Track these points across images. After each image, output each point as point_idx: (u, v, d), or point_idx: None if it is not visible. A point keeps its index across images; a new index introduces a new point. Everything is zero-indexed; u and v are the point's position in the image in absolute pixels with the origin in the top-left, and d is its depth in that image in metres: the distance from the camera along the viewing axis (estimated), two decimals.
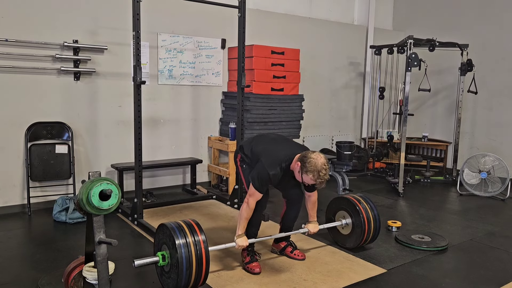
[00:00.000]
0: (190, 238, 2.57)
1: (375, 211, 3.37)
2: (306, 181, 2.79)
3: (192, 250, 2.53)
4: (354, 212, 3.36)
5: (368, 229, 3.31)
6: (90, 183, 2.04)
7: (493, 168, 5.22)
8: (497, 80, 6.22)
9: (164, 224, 2.68)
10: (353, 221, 3.37)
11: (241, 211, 2.93)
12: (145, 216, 4.07)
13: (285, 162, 2.89)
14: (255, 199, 2.91)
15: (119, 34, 4.64)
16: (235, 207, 4.58)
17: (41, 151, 4.32)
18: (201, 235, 2.62)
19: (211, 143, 5.41)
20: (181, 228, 2.61)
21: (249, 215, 2.92)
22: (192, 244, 2.55)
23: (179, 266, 2.49)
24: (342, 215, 3.45)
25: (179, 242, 2.52)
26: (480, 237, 3.83)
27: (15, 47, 4.10)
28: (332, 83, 6.66)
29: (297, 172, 2.81)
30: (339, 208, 3.50)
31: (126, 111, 4.73)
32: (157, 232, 2.74)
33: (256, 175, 2.87)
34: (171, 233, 2.57)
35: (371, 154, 6.33)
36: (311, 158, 2.73)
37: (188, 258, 2.50)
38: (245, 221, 2.93)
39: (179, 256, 2.49)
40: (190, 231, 2.61)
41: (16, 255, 3.27)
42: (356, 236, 3.34)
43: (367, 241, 3.38)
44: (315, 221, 3.26)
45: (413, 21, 7.28)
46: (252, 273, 2.96)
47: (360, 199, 3.41)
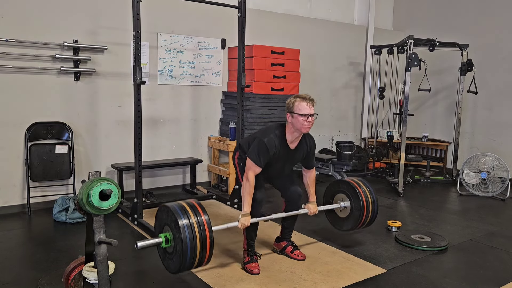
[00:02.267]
0: (193, 218, 2.50)
1: (373, 195, 3.36)
2: (302, 111, 2.82)
3: (196, 230, 2.47)
4: (353, 195, 3.33)
5: (366, 213, 3.30)
6: (90, 183, 2.04)
7: (493, 168, 5.22)
8: (497, 80, 6.22)
9: (166, 205, 2.61)
10: (351, 204, 3.35)
11: (242, 188, 2.92)
12: (145, 216, 4.07)
13: (277, 129, 2.95)
14: (254, 173, 2.90)
15: (119, 34, 4.64)
16: (235, 207, 4.58)
17: (41, 151, 4.32)
18: (204, 215, 2.56)
19: (211, 143, 5.41)
20: (184, 209, 2.55)
21: (251, 190, 2.90)
22: (196, 224, 2.49)
23: (183, 247, 2.43)
24: (341, 197, 3.43)
25: (182, 223, 2.46)
26: (480, 237, 3.83)
27: (15, 47, 4.10)
28: (332, 83, 6.66)
29: (292, 118, 2.86)
30: (337, 191, 3.47)
31: (126, 111, 4.73)
32: (159, 214, 2.67)
33: (252, 148, 2.90)
34: (174, 214, 2.50)
35: (371, 154, 6.33)
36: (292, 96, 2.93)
37: (192, 238, 2.44)
38: (248, 196, 2.90)
39: (183, 237, 2.42)
40: (193, 212, 2.55)
41: (16, 255, 3.27)
42: (354, 219, 3.32)
43: (364, 224, 3.37)
44: (315, 201, 3.25)
45: (413, 21, 7.28)
46: (251, 273, 2.96)
47: (360, 183, 3.39)
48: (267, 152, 2.89)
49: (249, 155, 2.91)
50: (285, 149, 2.98)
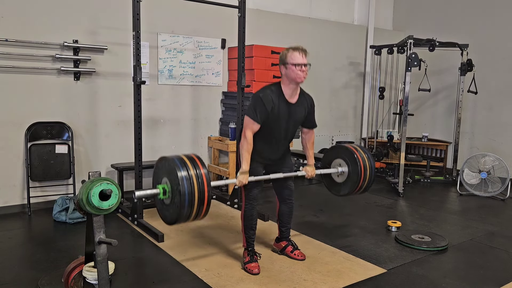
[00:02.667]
0: (192, 171, 2.47)
1: (371, 161, 3.33)
2: (295, 60, 2.81)
3: (195, 183, 2.44)
4: (351, 160, 3.30)
5: (364, 177, 3.28)
6: (90, 183, 2.04)
7: (493, 168, 5.22)
8: (497, 80, 6.22)
9: (165, 156, 2.59)
10: (349, 169, 3.32)
11: (241, 146, 2.89)
12: (145, 216, 4.07)
13: (273, 86, 2.96)
14: (252, 131, 2.88)
15: (119, 34, 4.64)
16: (235, 207, 4.58)
17: (41, 151, 4.32)
18: (203, 169, 2.53)
19: (211, 143, 5.41)
20: (183, 161, 2.52)
21: (249, 148, 2.87)
22: (195, 177, 2.46)
23: (181, 199, 2.41)
24: (338, 163, 3.40)
25: (181, 174, 2.43)
26: (480, 237, 3.83)
27: (15, 47, 4.10)
28: (332, 83, 6.66)
29: (284, 73, 2.89)
30: (335, 156, 3.44)
31: (126, 111, 4.73)
32: (157, 165, 2.64)
33: (249, 106, 2.91)
34: (173, 165, 2.47)
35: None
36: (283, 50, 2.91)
37: (190, 191, 2.42)
38: (246, 153, 2.87)
39: (181, 189, 2.40)
40: (192, 164, 2.52)
41: (16, 255, 3.27)
42: (351, 184, 3.30)
43: (361, 189, 3.34)
44: (313, 164, 3.23)
45: (413, 21, 7.28)
46: (251, 274, 2.96)
47: (358, 148, 3.37)
48: (264, 106, 2.85)
49: (246, 113, 2.90)
50: (285, 104, 2.93)
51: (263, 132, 2.93)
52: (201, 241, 3.56)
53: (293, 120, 3.01)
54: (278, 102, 2.89)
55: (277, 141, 3.03)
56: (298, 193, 5.16)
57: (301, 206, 4.64)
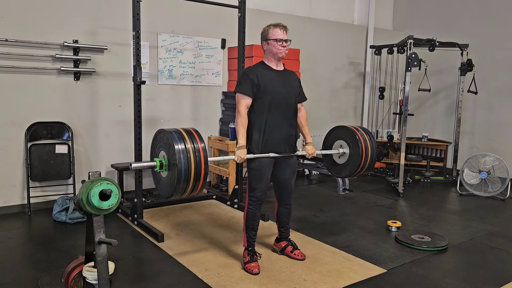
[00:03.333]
0: (190, 144, 2.47)
1: (373, 142, 3.32)
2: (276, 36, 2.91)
3: (191, 156, 2.43)
4: (352, 142, 3.28)
5: (365, 159, 3.26)
6: (90, 183, 2.04)
7: (493, 168, 5.22)
8: (497, 80, 6.22)
9: (163, 129, 2.59)
10: (350, 151, 3.30)
11: (236, 121, 2.92)
12: (145, 216, 4.07)
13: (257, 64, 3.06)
14: (245, 105, 2.91)
15: (119, 34, 4.64)
16: (235, 207, 4.58)
17: (41, 151, 4.32)
18: (200, 143, 2.53)
19: (211, 143, 5.41)
20: (181, 135, 2.51)
21: (244, 123, 2.90)
22: (192, 150, 2.46)
23: (178, 173, 2.40)
24: (340, 144, 3.38)
25: (178, 147, 2.43)
26: (480, 237, 3.83)
27: (15, 47, 4.10)
28: (332, 83, 6.66)
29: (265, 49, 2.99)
30: (337, 137, 3.42)
31: (126, 111, 4.73)
32: (155, 138, 2.64)
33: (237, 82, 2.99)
34: (170, 139, 2.46)
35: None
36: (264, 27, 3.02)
37: (187, 165, 2.40)
38: (242, 128, 2.89)
39: (177, 162, 2.39)
40: (189, 138, 2.51)
41: (16, 255, 3.27)
42: (353, 165, 3.28)
43: (362, 170, 3.32)
44: (311, 143, 3.21)
45: (413, 21, 7.28)
46: (251, 273, 2.96)
47: (360, 129, 3.36)
48: (247, 78, 2.92)
49: (236, 89, 2.95)
50: (273, 72, 3.01)
51: (263, 103, 2.93)
52: (201, 241, 3.56)
53: (288, 84, 3.05)
54: (263, 71, 2.98)
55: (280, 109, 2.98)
56: (298, 193, 5.16)
57: (301, 206, 4.64)
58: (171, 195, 2.51)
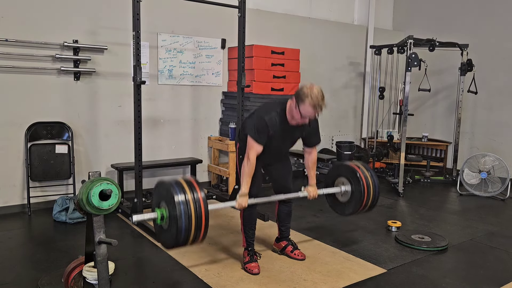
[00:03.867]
0: (190, 195, 2.46)
1: (374, 179, 3.28)
2: (304, 112, 2.69)
3: (192, 207, 2.43)
4: (354, 179, 3.27)
5: (367, 197, 3.24)
6: (90, 183, 2.04)
7: (493, 168, 5.22)
8: (497, 80, 6.22)
9: (163, 180, 2.59)
10: (352, 188, 3.28)
11: (243, 167, 2.85)
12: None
13: (279, 107, 2.85)
14: (255, 152, 2.82)
15: (119, 34, 4.64)
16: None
17: (41, 151, 4.32)
18: (200, 192, 2.52)
19: (211, 143, 5.41)
20: (180, 185, 2.51)
21: (251, 171, 2.83)
22: (192, 201, 2.45)
23: (178, 224, 2.40)
24: (342, 181, 3.36)
25: (178, 199, 2.42)
26: (480, 237, 3.83)
27: (15, 47, 4.10)
28: (332, 83, 6.66)
29: (294, 108, 2.73)
30: (338, 175, 3.41)
31: (126, 111, 4.73)
32: (156, 189, 2.64)
33: (252, 125, 2.82)
34: (170, 189, 2.46)
35: (371, 154, 6.33)
36: (304, 87, 2.70)
37: (187, 216, 2.41)
38: (247, 177, 2.83)
39: (178, 213, 2.40)
40: (189, 188, 2.51)
41: (16, 255, 3.27)
42: (355, 204, 3.26)
43: (365, 208, 3.31)
44: (315, 184, 3.18)
45: (413, 21, 7.28)
46: (251, 273, 2.96)
47: (361, 166, 3.33)
48: (268, 130, 2.82)
49: (250, 134, 2.82)
50: (285, 126, 2.89)
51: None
52: None
53: (289, 139, 3.03)
54: (281, 126, 2.86)
55: (272, 155, 3.04)
56: None
57: (301, 206, 4.64)
58: (173, 246, 2.53)
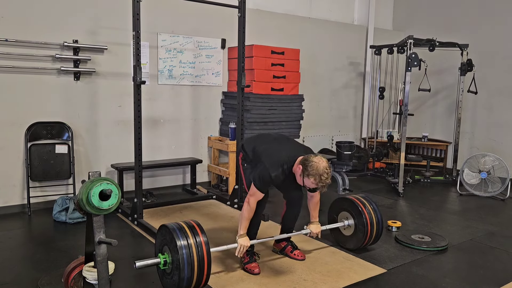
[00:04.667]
0: (192, 239, 2.55)
1: (378, 214, 3.35)
2: (307, 185, 2.77)
3: (194, 251, 2.51)
4: (357, 214, 3.33)
5: (371, 232, 3.29)
6: (90, 183, 2.04)
7: (493, 168, 5.22)
8: (497, 80, 6.22)
9: (165, 225, 2.67)
10: (355, 223, 3.34)
11: (243, 211, 2.93)
12: (145, 216, 4.07)
13: (287, 164, 2.87)
14: (256, 199, 2.91)
15: (119, 34, 4.64)
16: (235, 207, 4.58)
17: (41, 151, 4.32)
18: (202, 237, 2.61)
19: (211, 143, 5.41)
20: (182, 229, 2.60)
21: (250, 215, 2.92)
22: (194, 245, 2.53)
23: (181, 268, 2.48)
24: (345, 216, 3.43)
25: (180, 243, 2.51)
26: (480, 237, 3.83)
27: (15, 47, 4.10)
28: (332, 83, 6.66)
29: (299, 175, 2.79)
30: (341, 208, 3.48)
31: (126, 111, 4.73)
32: (159, 233, 2.73)
33: (258, 176, 2.87)
34: (172, 234, 2.55)
35: (371, 154, 6.33)
36: (313, 162, 2.70)
37: (189, 260, 2.49)
38: (246, 221, 2.92)
39: (180, 258, 2.47)
40: (191, 232, 2.59)
41: (16, 255, 3.27)
42: (358, 238, 3.33)
43: (369, 243, 3.37)
44: (317, 221, 3.24)
45: (413, 21, 7.28)
46: (251, 274, 2.96)
47: (364, 201, 3.38)
48: (271, 183, 2.91)
49: (254, 182, 2.89)
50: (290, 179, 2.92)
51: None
52: None
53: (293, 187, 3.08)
54: (285, 178, 2.91)
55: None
56: None
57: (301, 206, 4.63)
58: None
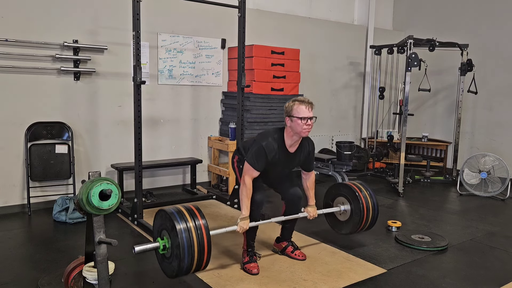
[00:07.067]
0: (191, 223, 2.49)
1: (374, 199, 3.34)
2: (301, 114, 2.81)
3: (193, 235, 2.45)
4: (353, 199, 3.32)
5: (367, 217, 3.29)
6: (90, 183, 2.04)
7: (493, 168, 5.22)
8: (497, 80, 6.22)
9: (163, 209, 2.60)
10: (351, 208, 3.33)
11: (240, 192, 2.92)
12: (145, 216, 4.07)
13: (276, 133, 2.95)
14: (250, 176, 2.90)
15: (119, 34, 4.64)
16: (235, 207, 4.58)
17: (41, 151, 4.32)
18: (201, 219, 2.54)
19: (211, 143, 5.41)
20: (181, 213, 2.53)
21: (248, 194, 2.90)
22: (193, 228, 2.47)
23: (181, 252, 2.41)
24: (341, 201, 3.42)
25: (179, 227, 2.44)
26: (480, 237, 3.83)
27: (15, 47, 4.10)
28: (332, 83, 6.66)
29: (289, 125, 2.88)
30: (338, 194, 3.46)
31: (126, 111, 4.73)
32: (156, 218, 2.66)
33: (250, 152, 2.91)
34: (171, 218, 2.48)
35: (371, 154, 6.33)
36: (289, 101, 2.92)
37: (189, 243, 2.42)
38: (247, 200, 2.90)
39: (180, 241, 2.41)
40: (190, 216, 2.53)
41: (16, 255, 3.27)
42: (354, 223, 3.32)
43: (364, 228, 3.36)
44: (314, 205, 3.25)
45: (413, 21, 7.28)
46: (250, 274, 2.96)
47: (360, 187, 3.38)
48: (265, 156, 2.89)
49: (247, 159, 2.92)
50: (284, 153, 2.97)
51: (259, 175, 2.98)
52: None
53: (288, 167, 3.12)
54: (278, 151, 2.93)
55: (272, 179, 3.20)
56: None
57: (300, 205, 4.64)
58: (176, 275, 2.53)
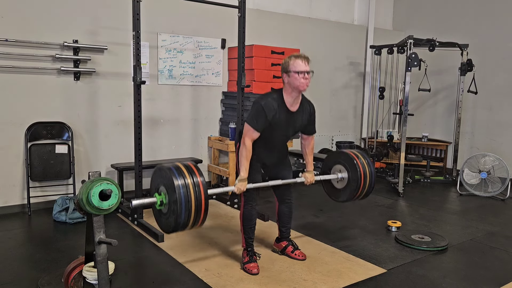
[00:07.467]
0: (189, 179, 2.47)
1: (371, 168, 3.30)
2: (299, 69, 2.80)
3: (191, 191, 2.43)
4: (351, 167, 3.28)
5: (363, 184, 3.26)
6: (90, 183, 2.04)
7: (493, 168, 5.22)
8: (497, 80, 6.22)
9: (161, 166, 2.57)
10: (349, 176, 3.30)
11: (240, 153, 2.89)
12: (145, 216, 4.07)
13: (275, 93, 2.93)
14: (250, 138, 2.86)
15: (119, 34, 4.64)
16: (235, 207, 4.58)
17: (41, 151, 4.32)
18: (199, 177, 2.53)
19: (211, 143, 5.41)
20: (180, 169, 2.51)
21: (248, 155, 2.86)
22: (191, 185, 2.45)
23: (178, 208, 2.40)
24: (339, 169, 3.38)
25: (177, 183, 2.42)
26: (480, 237, 3.83)
27: (15, 47, 4.10)
28: (332, 83, 6.66)
29: (286, 81, 2.87)
30: (335, 162, 3.42)
31: (126, 111, 4.73)
32: (154, 174, 2.63)
33: (250, 113, 2.88)
34: (169, 174, 2.46)
35: (371, 154, 6.33)
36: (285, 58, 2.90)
37: (187, 199, 2.41)
38: (245, 161, 2.86)
39: (177, 197, 2.39)
40: (188, 173, 2.51)
41: (16, 255, 3.27)
42: (351, 191, 3.29)
43: (360, 196, 3.33)
44: (312, 171, 3.21)
45: (413, 21, 7.28)
46: (250, 274, 2.96)
47: (358, 154, 3.35)
48: (265, 115, 2.83)
49: (247, 120, 2.87)
50: (286, 113, 2.91)
51: (261, 138, 2.92)
52: (201, 241, 3.56)
53: (292, 127, 3.02)
54: (278, 110, 2.88)
55: (275, 145, 3.07)
56: (298, 193, 5.16)
57: (301, 206, 4.64)
58: (173, 230, 2.51)
